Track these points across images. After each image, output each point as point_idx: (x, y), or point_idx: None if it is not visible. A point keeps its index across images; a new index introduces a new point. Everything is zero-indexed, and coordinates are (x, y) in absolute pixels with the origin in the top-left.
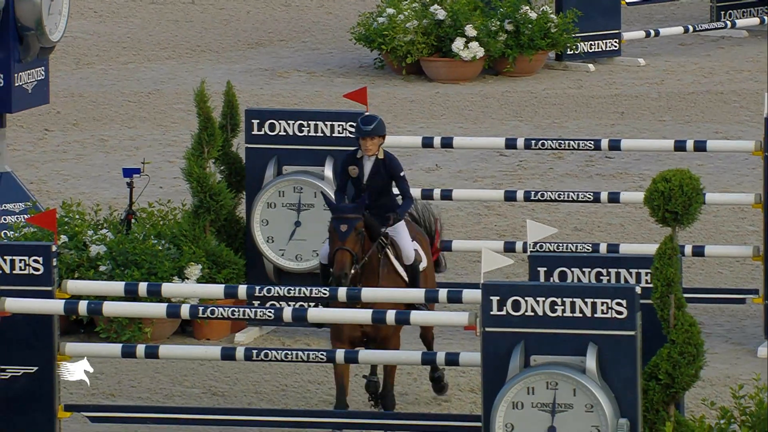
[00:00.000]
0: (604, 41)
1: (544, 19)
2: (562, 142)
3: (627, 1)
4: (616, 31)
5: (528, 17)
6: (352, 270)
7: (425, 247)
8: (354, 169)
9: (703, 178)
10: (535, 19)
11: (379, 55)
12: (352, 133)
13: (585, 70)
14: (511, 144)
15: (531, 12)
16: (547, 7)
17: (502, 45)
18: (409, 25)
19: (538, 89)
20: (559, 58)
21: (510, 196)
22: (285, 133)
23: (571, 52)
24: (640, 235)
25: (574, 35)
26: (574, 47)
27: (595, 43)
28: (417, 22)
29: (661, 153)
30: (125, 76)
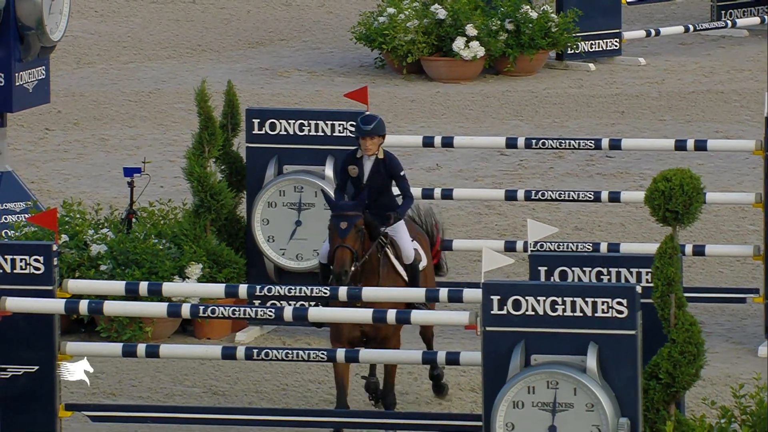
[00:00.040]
0: (605, 41)
1: (544, 18)
2: (563, 142)
3: (627, 0)
4: (616, 31)
5: (528, 17)
6: (352, 267)
7: (425, 246)
8: (354, 169)
9: (704, 178)
10: (535, 18)
11: (380, 54)
12: (352, 132)
13: (585, 70)
14: (511, 143)
15: (531, 11)
16: (547, 6)
17: (502, 44)
18: (410, 25)
19: (538, 89)
20: (559, 57)
21: (510, 196)
22: (286, 133)
23: (572, 52)
24: (641, 234)
25: (575, 35)
26: (574, 47)
27: (595, 42)
28: (418, 21)
29: (661, 152)
30: (126, 76)
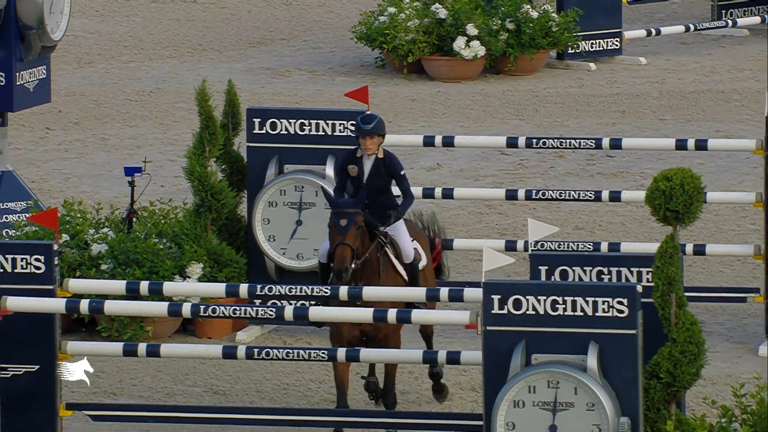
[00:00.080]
0: (605, 40)
1: (545, 18)
2: (564, 141)
3: None
4: (617, 30)
5: (529, 16)
6: (352, 265)
7: (424, 246)
8: (353, 168)
9: (704, 177)
10: (536, 18)
11: (381, 54)
12: (352, 132)
13: (586, 69)
14: (512, 143)
15: (532, 11)
16: (548, 5)
17: (503, 44)
18: (411, 24)
19: (539, 88)
20: (560, 57)
21: (511, 195)
22: (286, 132)
23: (573, 51)
24: (642, 233)
25: (576, 34)
26: (575, 46)
27: (596, 41)
28: (418, 21)
29: (662, 152)
30: (127, 75)
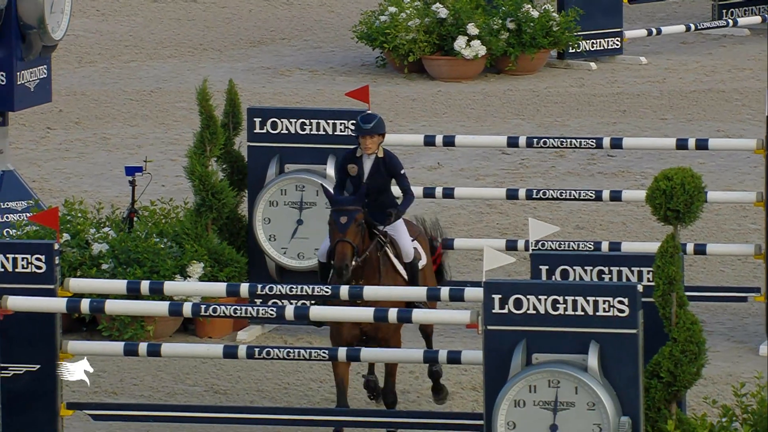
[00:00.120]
0: (606, 40)
1: (545, 17)
2: (564, 141)
3: None
4: (617, 30)
5: (530, 16)
6: (353, 262)
7: (424, 246)
8: (353, 168)
9: (705, 177)
10: (537, 17)
11: (381, 53)
12: (353, 131)
13: (587, 69)
14: (513, 142)
15: (533, 10)
16: (549, 5)
17: (504, 43)
18: (411, 24)
19: (540, 88)
20: (560, 56)
21: (512, 195)
22: (287, 132)
23: (573, 51)
24: (642, 233)
25: (576, 34)
26: (575, 46)
27: (596, 41)
28: (419, 20)
29: (662, 151)
30: (127, 75)
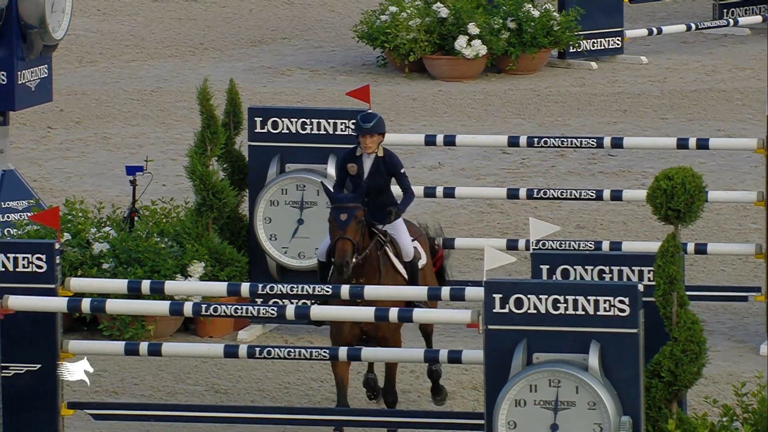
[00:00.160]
0: (607, 39)
1: (546, 17)
2: (565, 140)
3: None
4: (618, 29)
5: (531, 15)
6: (353, 259)
7: (425, 246)
8: (353, 167)
9: (706, 176)
10: (537, 17)
11: (382, 53)
12: (352, 130)
13: (587, 68)
14: (513, 142)
15: (533, 10)
16: (549, 5)
17: (504, 43)
18: (412, 23)
19: (540, 87)
20: (561, 56)
21: (513, 194)
22: (288, 131)
23: (574, 50)
24: (643, 232)
25: (577, 33)
26: (576, 45)
27: (597, 41)
28: (420, 20)
29: (663, 151)
30: (128, 74)
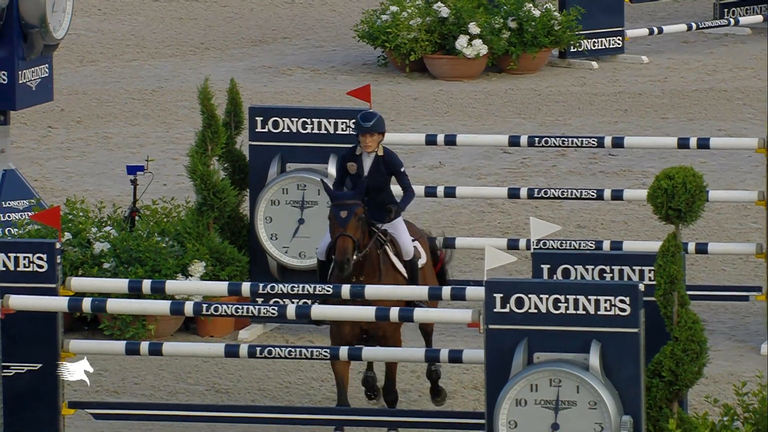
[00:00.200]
0: (608, 39)
1: (547, 16)
2: (566, 140)
3: None
4: (619, 29)
5: (531, 15)
6: (354, 256)
7: (425, 247)
8: (352, 166)
9: (707, 176)
10: (538, 16)
11: (383, 52)
12: (352, 129)
13: (588, 68)
14: (514, 141)
15: (534, 9)
16: (550, 4)
17: (505, 42)
18: (413, 23)
19: (541, 87)
20: (562, 55)
21: (513, 194)
22: (288, 131)
23: (575, 50)
24: (644, 232)
25: (578, 33)
26: (577, 45)
27: (598, 40)
28: (420, 19)
29: (664, 150)
30: (129, 74)
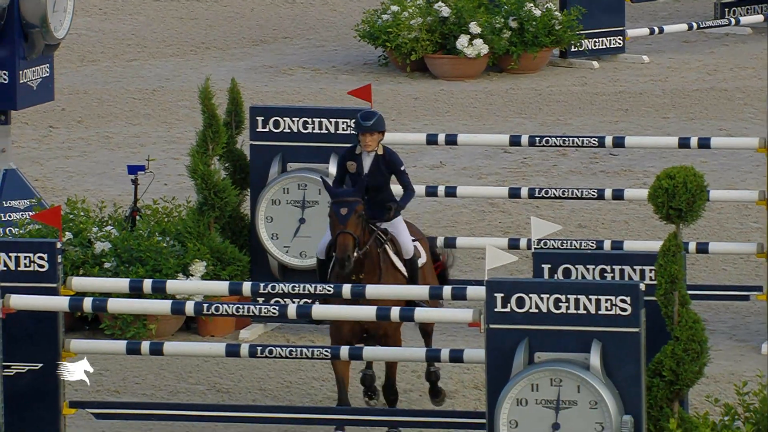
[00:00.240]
0: (608, 38)
1: (548, 16)
2: (567, 139)
3: None
4: (620, 29)
5: (532, 14)
6: (354, 253)
7: (425, 247)
8: (352, 165)
9: (707, 175)
10: (539, 16)
11: (384, 52)
12: (352, 128)
13: (589, 68)
14: (515, 141)
15: (535, 9)
16: (551, 4)
17: (506, 42)
18: (414, 23)
19: (542, 86)
20: (563, 55)
21: (514, 193)
22: (289, 130)
23: (575, 50)
24: (644, 232)
25: (578, 32)
26: (578, 44)
27: (599, 40)
28: (421, 19)
29: (665, 150)
30: (130, 74)
